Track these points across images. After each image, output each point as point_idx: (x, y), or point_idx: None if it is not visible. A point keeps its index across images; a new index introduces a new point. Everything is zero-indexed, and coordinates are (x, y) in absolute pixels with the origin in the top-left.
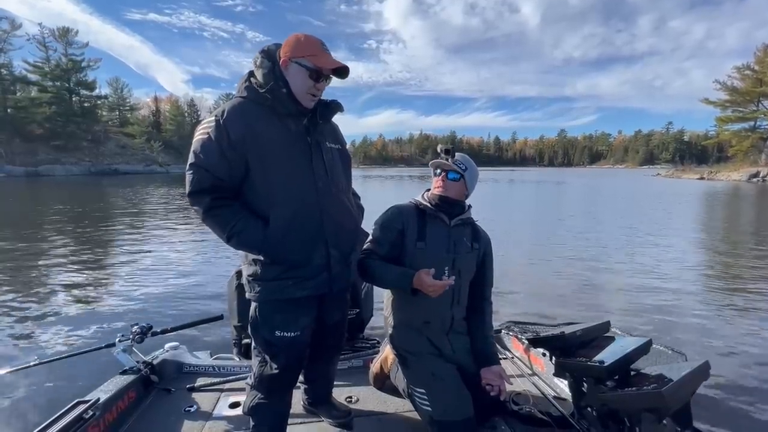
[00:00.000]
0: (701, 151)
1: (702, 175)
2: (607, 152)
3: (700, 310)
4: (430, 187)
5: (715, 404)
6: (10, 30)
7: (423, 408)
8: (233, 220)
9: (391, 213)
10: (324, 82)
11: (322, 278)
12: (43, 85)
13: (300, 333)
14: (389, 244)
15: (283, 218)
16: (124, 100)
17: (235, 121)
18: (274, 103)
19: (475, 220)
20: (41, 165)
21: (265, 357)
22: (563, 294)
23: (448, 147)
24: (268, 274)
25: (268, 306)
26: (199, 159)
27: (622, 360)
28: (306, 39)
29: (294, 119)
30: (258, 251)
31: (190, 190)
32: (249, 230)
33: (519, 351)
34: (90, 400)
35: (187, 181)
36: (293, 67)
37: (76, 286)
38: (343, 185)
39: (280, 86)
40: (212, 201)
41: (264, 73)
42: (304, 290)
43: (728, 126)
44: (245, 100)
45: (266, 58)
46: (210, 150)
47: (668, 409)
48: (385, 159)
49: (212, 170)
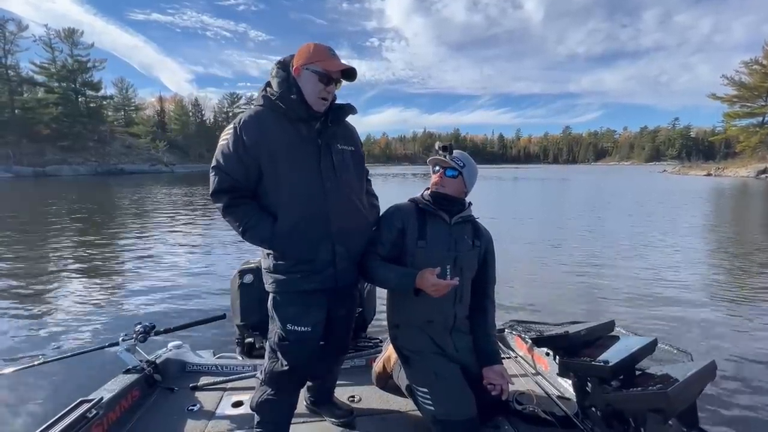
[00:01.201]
0: (708, 147)
1: (709, 171)
2: (612, 149)
3: (707, 309)
4: (430, 186)
5: (722, 405)
6: (17, 32)
7: (426, 407)
8: (246, 217)
9: (391, 212)
10: (334, 86)
11: (327, 273)
12: (49, 86)
13: (310, 329)
14: (390, 244)
15: (291, 216)
16: (129, 101)
17: (251, 127)
18: (287, 109)
19: (476, 218)
20: (49, 165)
21: (277, 352)
22: (567, 293)
23: (446, 144)
24: (279, 267)
25: (281, 298)
26: (219, 163)
27: (626, 360)
28: (316, 47)
29: (305, 123)
30: (268, 246)
31: (213, 190)
32: (260, 226)
33: (522, 350)
34: (93, 398)
35: (210, 182)
36: (305, 73)
37: (81, 286)
38: (355, 185)
39: (291, 92)
40: (230, 200)
41: (278, 82)
42: (311, 283)
43: (736, 122)
44: (262, 108)
45: (281, 68)
46: (228, 155)
47: (674, 409)
48: (388, 157)
49: (230, 173)
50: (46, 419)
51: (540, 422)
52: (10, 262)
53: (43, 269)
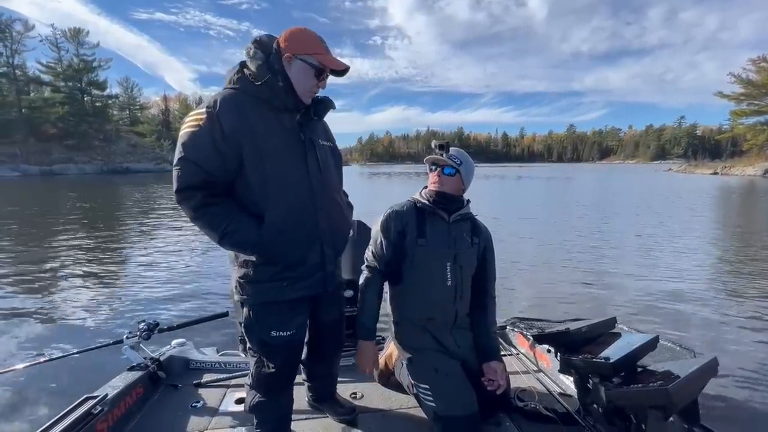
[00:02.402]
0: (715, 145)
1: (716, 170)
2: (617, 147)
3: (710, 306)
4: (427, 185)
5: (724, 401)
6: (23, 32)
7: (427, 404)
8: (226, 220)
9: (389, 216)
10: (325, 81)
11: (316, 278)
12: (56, 86)
13: (295, 331)
14: (391, 249)
15: (279, 217)
16: (134, 100)
17: (230, 112)
18: (271, 96)
19: (474, 215)
20: (55, 164)
21: (262, 357)
22: (569, 290)
23: (443, 143)
24: (261, 275)
25: (263, 308)
26: (188, 152)
27: (628, 356)
28: (309, 35)
29: (289, 114)
30: (252, 251)
31: (179, 187)
32: (242, 230)
33: (524, 347)
34: (98, 395)
35: (174, 177)
36: (298, 63)
37: (85, 284)
38: (335, 183)
39: (278, 80)
40: (203, 198)
41: (258, 64)
42: (298, 291)
43: (743, 120)
44: (238, 92)
45: (259, 49)
46: (201, 143)
47: (675, 406)
48: (392, 156)
49: (203, 165)
50: (51, 416)
51: (541, 419)
52: (16, 259)
53: (48, 267)
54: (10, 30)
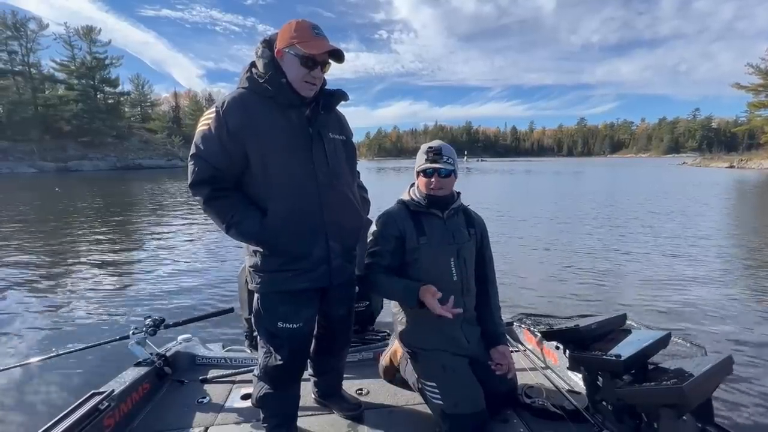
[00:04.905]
0: (730, 138)
1: (732, 163)
2: (629, 141)
3: (722, 303)
4: (414, 183)
5: (738, 400)
6: (37, 30)
7: (434, 401)
8: (232, 211)
9: (384, 222)
10: (320, 70)
11: (321, 271)
12: (69, 83)
13: (302, 324)
14: (390, 255)
15: (282, 209)
16: (145, 96)
17: (235, 111)
18: (275, 93)
19: (466, 206)
20: (70, 161)
21: (270, 348)
22: (578, 285)
23: (437, 147)
24: (267, 265)
25: (270, 297)
26: (199, 150)
27: (639, 353)
28: (297, 25)
29: (296, 110)
30: (256, 242)
31: (192, 181)
32: (247, 221)
33: (532, 344)
34: (105, 391)
35: (189, 172)
36: (287, 56)
37: (92, 280)
38: (347, 177)
39: (279, 76)
40: (212, 191)
41: (264, 63)
42: (302, 282)
43: (761, 111)
44: (246, 91)
45: (267, 47)
46: (210, 141)
47: (689, 405)
48: (400, 151)
49: (211, 161)
50: (58, 411)
51: (549, 416)
52: (24, 255)
53: (55, 263)
54: (25, 29)
